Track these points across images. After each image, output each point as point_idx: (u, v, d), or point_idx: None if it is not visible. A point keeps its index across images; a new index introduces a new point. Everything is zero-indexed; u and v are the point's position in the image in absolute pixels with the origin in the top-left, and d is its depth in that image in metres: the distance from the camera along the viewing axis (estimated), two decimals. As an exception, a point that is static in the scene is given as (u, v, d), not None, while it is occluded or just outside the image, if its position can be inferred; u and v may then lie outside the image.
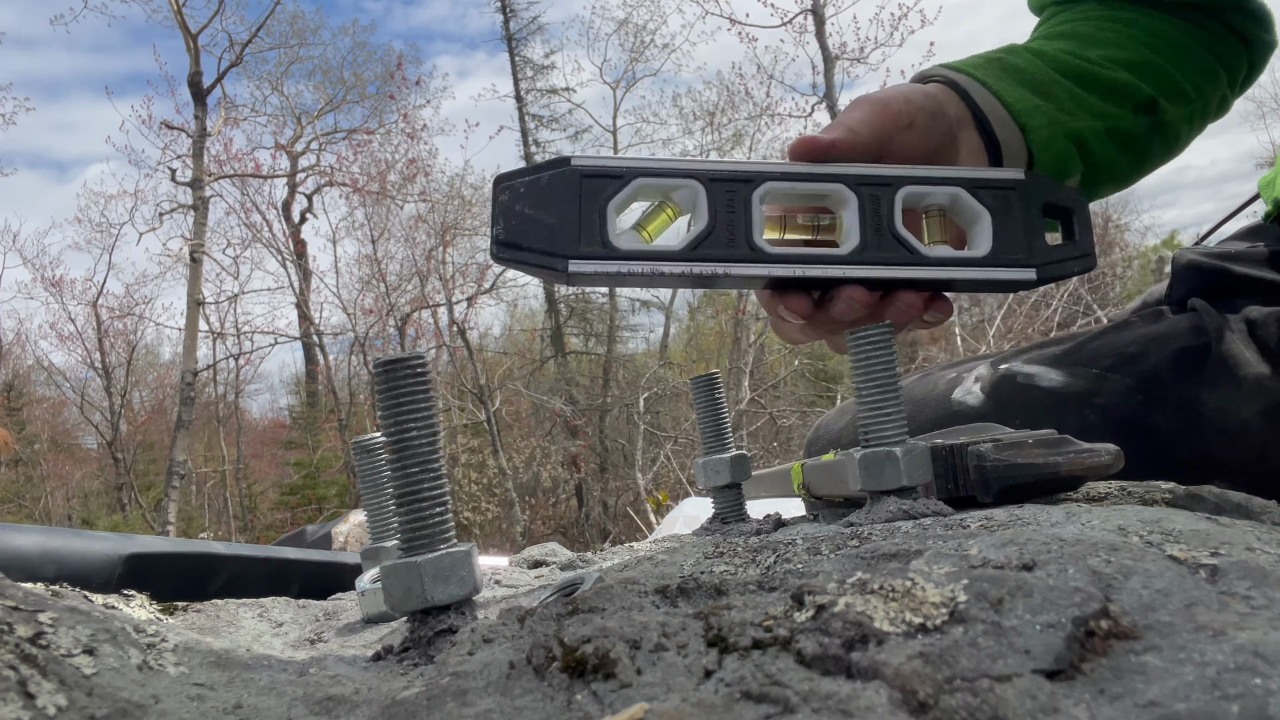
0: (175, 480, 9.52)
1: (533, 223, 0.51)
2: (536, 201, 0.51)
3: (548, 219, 0.51)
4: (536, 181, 0.52)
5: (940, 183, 0.57)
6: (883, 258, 0.55)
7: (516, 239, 0.51)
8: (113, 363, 13.59)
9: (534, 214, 0.51)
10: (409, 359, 0.38)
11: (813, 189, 0.56)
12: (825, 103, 11.23)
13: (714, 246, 0.53)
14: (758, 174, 0.54)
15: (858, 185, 0.56)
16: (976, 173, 0.59)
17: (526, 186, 0.51)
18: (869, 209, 0.55)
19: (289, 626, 0.59)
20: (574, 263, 0.51)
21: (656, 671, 0.27)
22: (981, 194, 0.58)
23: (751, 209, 0.54)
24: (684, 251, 0.53)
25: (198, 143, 10.20)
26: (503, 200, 0.52)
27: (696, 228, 0.53)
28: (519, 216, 0.51)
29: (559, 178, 0.52)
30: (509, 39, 12.63)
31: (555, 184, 0.52)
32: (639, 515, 4.84)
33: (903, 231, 0.55)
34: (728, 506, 0.63)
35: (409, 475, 0.38)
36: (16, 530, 0.69)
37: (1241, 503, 0.47)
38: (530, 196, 0.51)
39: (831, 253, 0.55)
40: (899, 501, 0.47)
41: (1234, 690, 0.21)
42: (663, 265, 0.52)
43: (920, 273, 0.55)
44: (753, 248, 0.53)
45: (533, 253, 0.51)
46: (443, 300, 12.38)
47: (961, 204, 0.58)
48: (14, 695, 0.25)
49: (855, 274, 0.54)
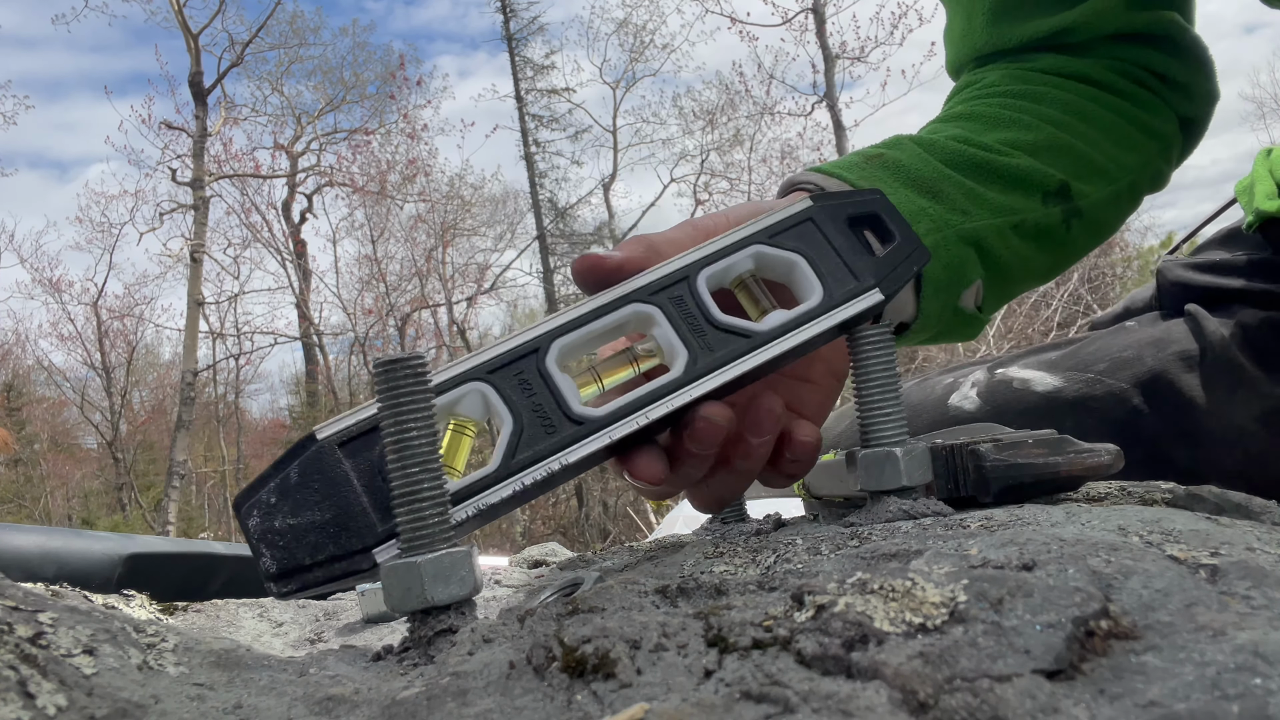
0: (175, 480, 9.52)
1: (304, 532, 0.40)
2: (295, 504, 0.40)
3: (319, 517, 0.40)
4: (285, 481, 0.40)
5: (735, 249, 0.50)
6: (720, 359, 0.47)
7: (293, 561, 0.39)
8: (113, 362, 13.60)
9: (299, 521, 0.40)
10: (409, 359, 0.38)
11: (608, 324, 0.47)
12: (825, 102, 11.23)
13: (532, 444, 0.44)
14: (540, 339, 0.45)
15: (652, 295, 0.47)
16: (766, 221, 0.51)
17: (276, 493, 0.40)
18: (677, 314, 0.47)
19: (289, 626, 0.59)
20: (381, 549, 0.40)
21: (656, 671, 0.27)
22: (782, 239, 0.51)
23: (552, 379, 0.45)
24: (501, 469, 0.43)
25: (198, 143, 10.21)
26: (255, 525, 0.40)
27: (503, 435, 0.44)
28: (282, 534, 0.40)
29: (310, 463, 0.41)
30: (509, 39, 12.63)
31: (309, 471, 0.40)
32: (639, 515, 4.84)
33: (726, 319, 0.48)
34: (728, 507, 0.63)
35: (409, 475, 0.38)
36: (16, 530, 0.69)
37: (1241, 503, 0.47)
38: (285, 502, 0.40)
39: (664, 382, 0.46)
40: (899, 501, 0.47)
41: (1234, 690, 0.21)
42: (488, 498, 0.43)
43: (768, 353, 0.48)
44: (577, 420, 0.44)
45: (324, 566, 0.40)
46: (443, 300, 12.37)
47: (768, 259, 0.51)
48: (14, 695, 0.25)
49: (701, 390, 0.46)
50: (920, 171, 0.67)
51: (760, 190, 12.48)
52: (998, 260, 0.70)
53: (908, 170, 0.67)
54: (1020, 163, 0.71)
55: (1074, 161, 0.74)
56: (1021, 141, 0.73)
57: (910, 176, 0.67)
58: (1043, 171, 0.72)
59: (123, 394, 13.49)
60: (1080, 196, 0.74)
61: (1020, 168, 0.71)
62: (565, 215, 12.69)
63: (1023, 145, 0.72)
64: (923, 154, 0.69)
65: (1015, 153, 0.72)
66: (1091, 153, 0.76)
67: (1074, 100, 0.78)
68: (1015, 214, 0.70)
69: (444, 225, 12.65)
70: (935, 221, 0.66)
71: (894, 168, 0.67)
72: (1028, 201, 0.71)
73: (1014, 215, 0.70)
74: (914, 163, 0.68)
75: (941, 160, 0.69)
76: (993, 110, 0.76)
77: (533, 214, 12.64)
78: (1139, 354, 0.87)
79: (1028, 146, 0.72)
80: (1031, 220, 0.71)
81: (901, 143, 0.71)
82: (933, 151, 0.70)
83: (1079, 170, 0.74)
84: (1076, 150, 0.75)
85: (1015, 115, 0.75)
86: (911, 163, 0.68)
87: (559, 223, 12.62)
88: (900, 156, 0.68)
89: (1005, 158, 0.71)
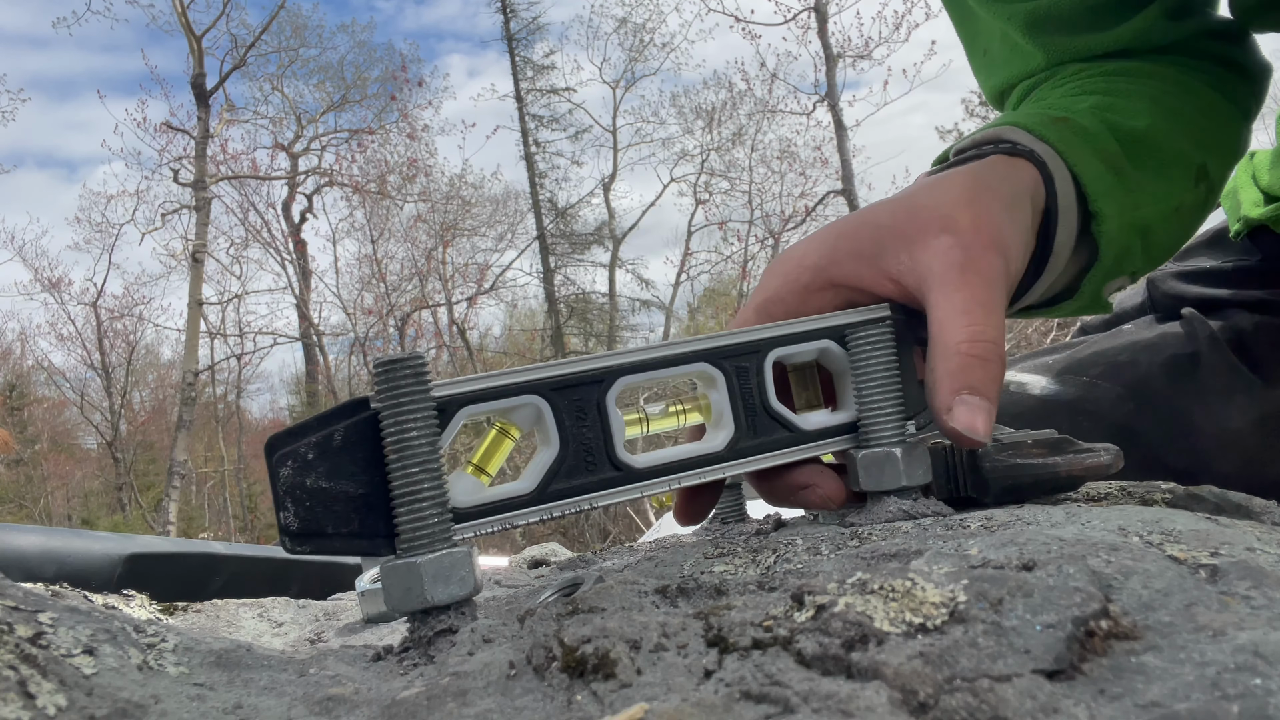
0: (175, 480, 9.53)
1: (332, 499, 0.38)
2: (332, 468, 0.38)
3: (353, 489, 0.39)
4: (328, 441, 0.38)
5: (808, 338, 0.49)
6: (761, 444, 0.48)
7: (315, 525, 0.38)
8: (112, 363, 13.61)
9: (332, 486, 0.38)
10: (409, 359, 0.38)
11: (673, 374, 0.47)
12: (827, 101, 11.23)
13: (570, 477, 0.43)
14: (608, 371, 0.44)
15: (722, 359, 0.47)
16: (843, 318, 0.50)
17: (315, 450, 0.38)
18: (738, 385, 0.47)
19: (289, 626, 0.59)
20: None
21: (656, 671, 0.27)
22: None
23: (608, 415, 0.44)
24: (535, 494, 0.42)
25: (200, 144, 10.22)
26: (285, 475, 0.38)
27: (544, 456, 0.43)
28: (312, 494, 0.38)
29: (357, 430, 0.39)
30: (509, 39, 12.64)
31: (353, 439, 0.39)
32: (639, 515, 4.85)
33: (778, 407, 0.48)
34: (728, 506, 0.63)
35: (409, 475, 0.38)
36: (16, 530, 0.69)
37: (1242, 503, 0.47)
38: (323, 463, 0.38)
39: (706, 451, 0.46)
40: (899, 502, 0.47)
41: (1234, 690, 0.21)
42: (513, 517, 0.42)
43: (803, 453, 0.49)
44: (617, 466, 0.44)
45: (343, 539, 0.39)
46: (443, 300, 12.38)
47: (832, 355, 0.50)
48: (14, 695, 0.25)
49: (736, 471, 0.47)
50: (1105, 146, 0.61)
51: (760, 190, 12.47)
52: (1153, 250, 0.65)
53: (1096, 141, 0.60)
54: (1170, 142, 0.65)
55: (1202, 137, 0.68)
56: (1161, 123, 0.66)
57: (1098, 148, 0.60)
58: (1187, 150, 0.66)
59: (123, 394, 13.50)
60: (1212, 175, 0.69)
61: (1172, 147, 0.65)
62: (565, 215, 12.70)
63: (1160, 125, 0.66)
64: (1100, 126, 0.62)
65: (1162, 129, 0.65)
66: (1213, 129, 0.71)
67: (1175, 75, 0.71)
68: (1174, 198, 0.65)
69: (444, 225, 12.66)
70: (1120, 204, 0.60)
71: (1084, 135, 0.60)
72: (1184, 183, 0.66)
73: (1174, 199, 0.65)
74: (1099, 134, 0.61)
75: (1113, 135, 0.62)
76: (1122, 86, 0.68)
77: (533, 214, 12.66)
78: (1134, 358, 0.87)
79: (1164, 123, 0.66)
80: (1189, 204, 0.66)
81: (1075, 109, 0.64)
82: (1104, 124, 0.63)
83: (1208, 146, 0.69)
84: (1199, 124, 0.69)
85: (1134, 89, 0.68)
86: (1098, 133, 0.61)
87: (559, 223, 12.63)
88: (1086, 125, 0.61)
89: (1156, 136, 0.65)
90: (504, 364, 11.90)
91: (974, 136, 0.61)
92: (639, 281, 12.76)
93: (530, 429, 0.44)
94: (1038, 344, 8.12)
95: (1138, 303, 0.99)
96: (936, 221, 0.49)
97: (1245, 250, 0.89)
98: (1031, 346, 7.87)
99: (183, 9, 9.97)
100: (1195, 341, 0.85)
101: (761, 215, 12.28)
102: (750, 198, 12.45)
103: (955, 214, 0.49)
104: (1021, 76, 0.79)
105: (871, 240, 0.50)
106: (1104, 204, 0.57)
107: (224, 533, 12.50)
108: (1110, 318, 1.00)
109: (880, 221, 0.50)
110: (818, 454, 0.49)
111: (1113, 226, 0.59)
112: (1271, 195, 0.86)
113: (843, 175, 11.07)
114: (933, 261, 0.47)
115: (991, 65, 0.81)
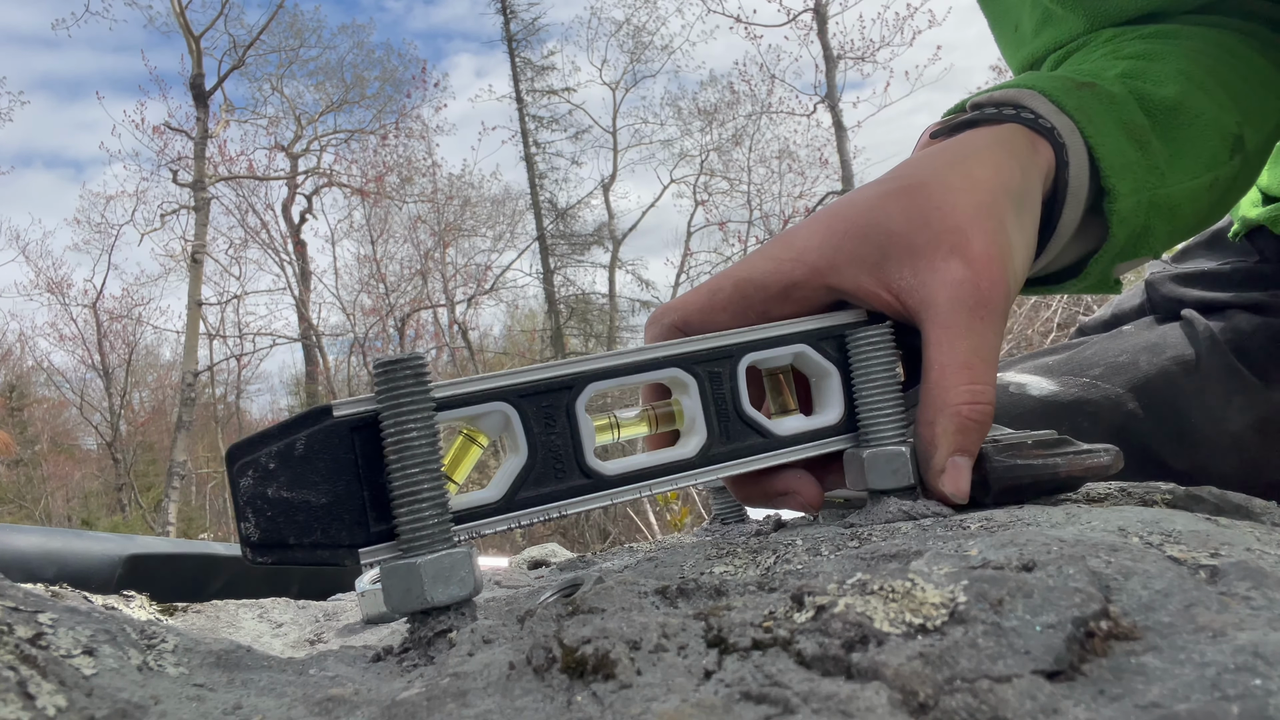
0: (175, 481, 9.52)
1: (295, 509, 0.37)
2: (294, 478, 0.37)
3: (315, 499, 0.38)
4: (289, 450, 0.38)
5: (783, 342, 0.49)
6: (734, 450, 0.47)
7: (277, 536, 0.37)
8: (112, 363, 13.61)
9: (294, 496, 0.37)
10: (408, 359, 0.38)
11: (644, 379, 0.46)
12: (827, 102, 11.24)
13: (538, 484, 0.42)
14: (578, 377, 0.44)
15: (694, 364, 0.47)
16: (819, 322, 0.50)
17: (277, 459, 0.37)
18: (710, 390, 0.47)
19: (289, 627, 0.59)
20: (367, 551, 0.39)
21: (656, 672, 0.27)
22: (828, 346, 0.50)
23: (577, 421, 0.43)
24: (502, 502, 0.42)
25: (199, 145, 10.22)
26: (246, 485, 0.37)
27: (512, 464, 0.42)
28: (274, 504, 0.37)
29: (320, 439, 0.38)
30: (509, 40, 12.64)
31: (316, 448, 0.38)
32: (639, 515, 4.85)
33: (751, 412, 0.48)
34: (728, 507, 0.63)
35: (409, 476, 0.38)
36: (17, 531, 0.69)
37: (1242, 503, 0.47)
38: (284, 472, 0.37)
39: (677, 458, 0.46)
40: (899, 502, 0.47)
41: (1234, 691, 0.21)
42: (483, 527, 0.41)
43: (777, 459, 0.48)
44: (586, 472, 0.43)
45: (305, 549, 0.38)
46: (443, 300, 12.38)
47: (808, 360, 0.50)
48: (14, 696, 0.25)
49: (708, 478, 0.47)
50: (1130, 117, 0.58)
51: (760, 191, 12.47)
52: (1184, 221, 0.62)
53: (1121, 111, 0.57)
54: (1204, 110, 0.61)
55: (1240, 104, 0.64)
56: (1191, 86, 0.62)
57: (1123, 119, 0.57)
58: (1223, 119, 0.63)
59: (122, 395, 13.50)
60: (1249, 144, 0.65)
61: (1206, 116, 0.61)
62: (565, 216, 12.71)
63: (1193, 92, 0.62)
64: (1128, 94, 0.59)
65: (1195, 97, 0.61)
66: (1249, 93, 0.66)
67: (1216, 37, 0.67)
68: (1207, 172, 0.61)
69: (444, 225, 12.66)
70: (1138, 181, 0.57)
71: (1108, 102, 0.57)
72: (1219, 155, 0.62)
73: (1205, 174, 0.61)
74: (1126, 103, 0.58)
75: (1140, 105, 0.59)
76: (1156, 49, 0.65)
77: (533, 215, 12.66)
78: (1134, 359, 0.87)
79: (1198, 91, 0.62)
80: (1223, 178, 0.63)
81: (1101, 74, 0.61)
82: (1132, 93, 0.60)
83: (1246, 114, 0.65)
84: (1237, 90, 0.65)
85: (1168, 51, 0.64)
86: (1125, 102, 0.58)
87: (559, 223, 12.64)
88: (1113, 91, 0.58)
89: (1188, 104, 0.61)
90: (504, 364, 11.89)
91: (993, 93, 0.58)
92: (639, 282, 12.78)
93: (498, 435, 0.44)
94: (1038, 344, 8.12)
95: (1137, 304, 0.99)
96: (949, 237, 0.47)
97: (1244, 251, 0.89)
98: (1032, 347, 7.87)
99: (181, 9, 9.97)
100: (1195, 343, 0.85)
101: (761, 216, 12.30)
102: (750, 198, 12.46)
103: (970, 231, 0.47)
104: (1054, 45, 0.76)
105: (877, 247, 0.49)
106: (1119, 181, 0.55)
107: (224, 533, 12.49)
108: (1110, 319, 1.00)
109: (891, 227, 0.48)
110: (793, 460, 0.49)
111: (1127, 205, 0.57)
112: (1270, 195, 0.86)
113: (842, 176, 11.09)
114: (939, 291, 0.47)
115: (1022, 39, 0.79)
